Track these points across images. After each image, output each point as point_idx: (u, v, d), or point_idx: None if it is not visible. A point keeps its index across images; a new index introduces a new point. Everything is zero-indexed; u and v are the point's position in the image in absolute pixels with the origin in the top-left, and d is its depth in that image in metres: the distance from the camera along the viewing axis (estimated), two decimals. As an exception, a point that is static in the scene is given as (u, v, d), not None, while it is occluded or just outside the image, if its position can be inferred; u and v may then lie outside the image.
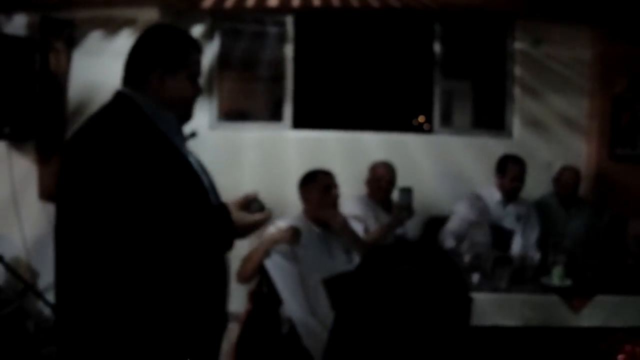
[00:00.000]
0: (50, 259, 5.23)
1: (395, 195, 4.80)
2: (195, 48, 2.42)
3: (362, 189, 5.04)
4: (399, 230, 4.70)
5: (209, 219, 2.18)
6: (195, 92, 2.41)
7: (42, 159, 5.33)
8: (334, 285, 4.04)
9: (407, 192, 4.48)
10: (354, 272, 1.52)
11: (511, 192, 4.91)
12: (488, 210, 4.91)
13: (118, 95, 2.34)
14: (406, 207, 4.48)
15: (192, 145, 2.48)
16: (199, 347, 2.25)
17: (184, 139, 2.41)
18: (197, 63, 2.41)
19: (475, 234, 4.71)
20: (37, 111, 5.06)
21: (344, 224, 4.16)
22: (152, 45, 2.36)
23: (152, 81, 2.30)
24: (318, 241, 4.08)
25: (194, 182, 2.30)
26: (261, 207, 2.27)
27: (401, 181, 4.98)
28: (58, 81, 5.26)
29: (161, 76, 2.30)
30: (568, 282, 3.87)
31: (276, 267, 3.88)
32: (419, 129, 5.80)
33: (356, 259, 4.32)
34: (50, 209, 5.31)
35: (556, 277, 3.90)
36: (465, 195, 5.03)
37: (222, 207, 2.22)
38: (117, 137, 2.11)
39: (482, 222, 4.78)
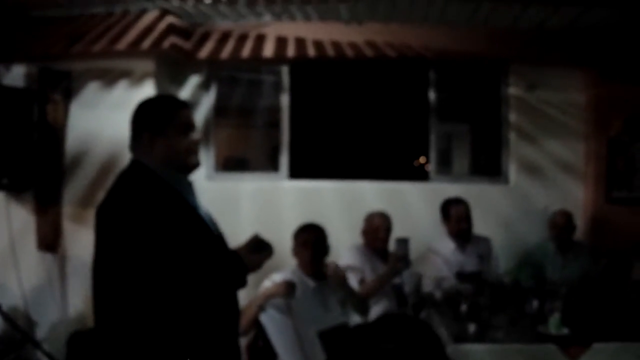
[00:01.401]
0: (48, 309, 5.29)
1: (391, 245, 4.80)
2: (180, 106, 2.69)
3: (358, 239, 5.02)
4: (396, 280, 4.68)
5: (225, 263, 2.51)
6: (188, 142, 2.60)
7: (40, 209, 5.36)
8: (330, 337, 4.04)
9: (403, 242, 4.49)
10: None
11: (460, 235, 5.03)
12: (446, 261, 4.97)
13: (132, 163, 2.57)
14: (403, 258, 4.48)
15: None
16: None
17: (194, 193, 2.64)
18: (185, 116, 2.63)
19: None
20: (34, 162, 5.12)
21: (342, 279, 4.20)
22: (140, 112, 2.64)
23: (144, 144, 2.53)
24: (313, 294, 4.09)
25: (206, 234, 2.55)
26: (265, 245, 2.62)
27: (398, 229, 4.98)
28: (56, 132, 5.32)
29: (151, 137, 2.53)
30: (565, 331, 3.84)
31: (271, 320, 3.91)
32: (415, 176, 5.78)
33: (351, 311, 4.33)
34: (48, 258, 5.43)
35: (553, 325, 3.88)
36: (423, 255, 5.10)
37: (234, 252, 2.58)
38: (137, 202, 2.37)
39: (446, 276, 4.82)
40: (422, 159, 7.95)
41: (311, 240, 4.17)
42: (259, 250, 2.61)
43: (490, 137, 6.03)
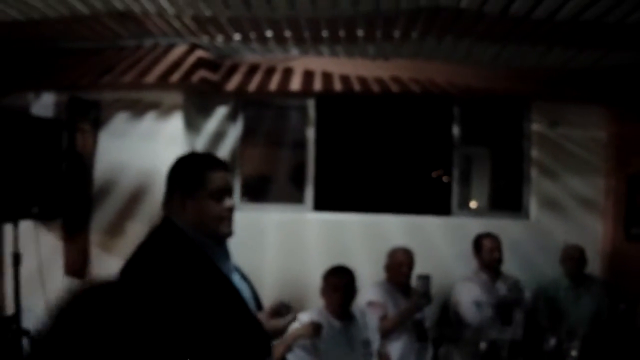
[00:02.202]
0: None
1: (413, 281, 4.87)
2: (215, 167, 2.52)
3: (381, 272, 5.09)
4: (417, 315, 4.75)
5: (246, 336, 2.36)
6: (220, 208, 2.47)
7: (68, 237, 5.45)
8: (354, 376, 4.12)
9: (425, 279, 4.57)
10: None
11: (492, 264, 5.13)
12: (481, 290, 5.06)
13: (163, 220, 2.49)
14: (424, 294, 4.56)
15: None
16: None
17: (227, 257, 2.54)
18: (220, 180, 2.49)
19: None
20: (63, 191, 5.17)
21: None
22: (174, 169, 2.55)
23: (175, 205, 2.46)
24: (338, 334, 4.17)
25: (232, 305, 2.41)
26: (288, 309, 2.50)
27: (420, 264, 5.07)
28: (84, 161, 5.42)
29: (182, 199, 2.45)
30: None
31: (299, 361, 3.98)
32: (438, 210, 5.81)
33: (374, 351, 4.41)
34: (75, 284, 5.43)
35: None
36: (457, 283, 5.22)
37: (257, 323, 2.42)
38: (162, 269, 2.25)
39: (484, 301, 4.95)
40: (439, 171, 8.01)
41: (342, 284, 4.24)
42: (281, 314, 2.51)
43: (510, 174, 6.09)
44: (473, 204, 6.13)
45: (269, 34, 4.81)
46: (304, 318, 4.05)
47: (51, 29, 4.80)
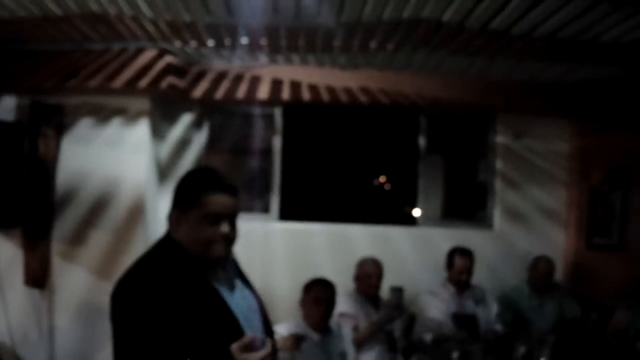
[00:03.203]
0: (34, 346, 5.22)
1: (385, 293, 4.89)
2: (214, 188, 2.36)
3: (348, 282, 5.07)
4: (388, 326, 4.76)
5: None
6: (212, 233, 2.34)
7: (28, 245, 5.25)
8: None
9: (398, 291, 4.60)
10: None
11: (460, 284, 5.15)
12: (445, 304, 5.08)
13: (165, 236, 2.44)
14: (397, 306, 4.58)
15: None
16: None
17: (226, 272, 2.45)
18: (217, 203, 2.35)
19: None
20: (24, 197, 5.01)
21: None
22: (177, 185, 2.46)
23: (172, 220, 2.40)
24: (316, 347, 4.14)
25: (217, 318, 2.32)
26: (263, 342, 2.30)
27: (386, 274, 5.10)
28: (46, 167, 5.23)
29: (177, 216, 2.39)
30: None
31: (276, 374, 3.92)
32: (403, 221, 5.86)
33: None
34: (35, 294, 5.37)
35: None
36: (423, 295, 5.22)
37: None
38: (152, 289, 2.21)
39: (444, 317, 4.96)
40: (382, 178, 8.05)
41: (325, 297, 4.21)
42: (253, 349, 2.24)
43: (474, 184, 6.16)
44: (416, 212, 6.16)
45: (244, 40, 4.75)
46: (281, 330, 4.00)
47: (17, 28, 4.64)
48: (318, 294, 4.24)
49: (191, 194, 2.37)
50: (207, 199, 2.34)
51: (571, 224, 5.98)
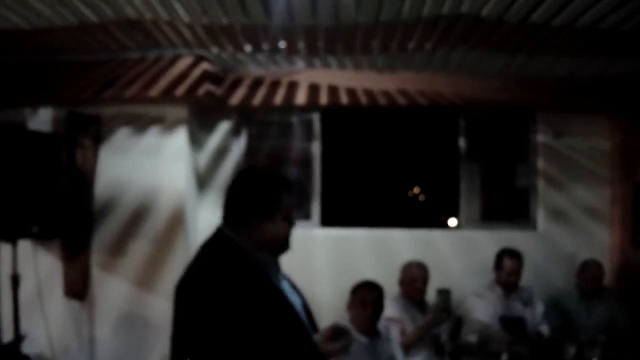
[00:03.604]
0: (75, 358, 5.19)
1: (432, 296, 4.82)
2: (287, 189, 2.52)
3: (391, 288, 4.97)
4: (434, 330, 4.67)
5: (302, 354, 2.37)
6: (290, 228, 2.52)
7: (68, 257, 5.27)
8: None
9: (445, 293, 4.52)
10: None
11: (508, 287, 5.04)
12: (493, 306, 4.97)
13: (220, 235, 2.46)
14: (445, 309, 4.49)
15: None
16: None
17: (280, 271, 2.57)
18: (290, 203, 2.52)
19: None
20: (63, 209, 4.97)
21: None
22: (250, 191, 2.48)
23: (251, 226, 2.42)
24: (365, 351, 4.05)
25: (290, 321, 2.41)
26: (344, 332, 2.50)
27: (430, 278, 5.04)
28: (84, 178, 5.24)
29: (259, 222, 2.42)
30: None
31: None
32: (446, 225, 5.78)
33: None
34: (75, 306, 5.35)
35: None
36: (469, 297, 5.12)
37: (312, 343, 2.43)
38: (224, 282, 2.27)
39: (491, 320, 4.85)
40: (416, 190, 7.98)
41: (373, 300, 4.13)
42: (337, 338, 2.48)
43: (517, 185, 6.06)
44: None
45: (282, 45, 4.71)
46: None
47: (54, 39, 4.65)
48: (365, 297, 4.15)
49: (274, 197, 2.46)
50: (286, 200, 2.50)
51: (616, 222, 5.83)
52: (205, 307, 2.23)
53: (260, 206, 2.44)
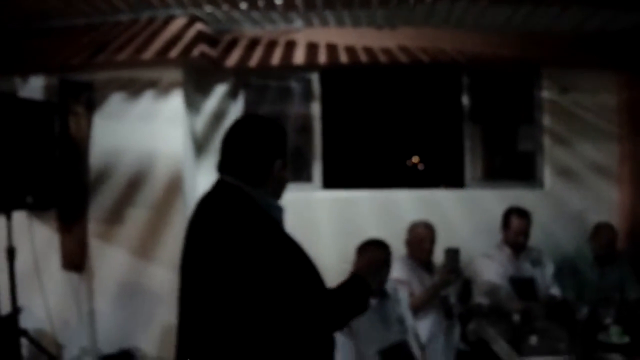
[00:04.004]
0: (74, 331, 5.11)
1: (439, 257, 4.70)
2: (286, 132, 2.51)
3: (397, 249, 4.84)
4: (443, 292, 4.55)
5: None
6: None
7: (64, 228, 5.17)
8: (390, 356, 3.89)
9: (454, 252, 4.36)
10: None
11: (516, 246, 4.91)
12: (502, 267, 4.85)
13: (226, 186, 2.33)
14: (454, 269, 4.35)
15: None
16: None
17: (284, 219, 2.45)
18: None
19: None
20: (58, 178, 4.92)
21: None
22: (267, 135, 2.38)
23: (270, 171, 2.34)
24: (373, 312, 3.90)
25: (311, 267, 2.31)
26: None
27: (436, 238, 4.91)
28: (78, 146, 5.13)
29: (280, 167, 2.37)
30: (626, 339, 3.72)
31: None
32: (451, 183, 5.64)
33: (410, 327, 4.18)
34: (73, 278, 5.22)
35: (615, 334, 3.76)
36: (478, 258, 4.99)
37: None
38: (246, 238, 2.14)
39: (500, 280, 4.75)
40: (414, 159, 7.86)
41: (384, 258, 3.97)
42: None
43: (522, 142, 5.92)
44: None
45: (278, 0, 4.55)
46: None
47: (41, 2, 4.49)
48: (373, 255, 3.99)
49: (285, 144, 2.43)
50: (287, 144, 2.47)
51: (625, 180, 5.70)
52: (237, 264, 2.11)
53: (280, 151, 2.37)
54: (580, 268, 5.07)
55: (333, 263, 4.50)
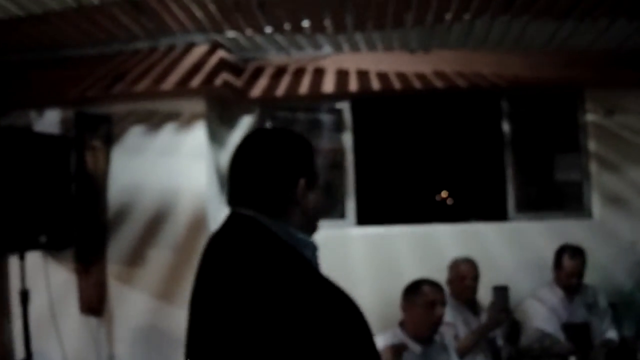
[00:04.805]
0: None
1: (483, 296, 4.42)
2: (312, 147, 1.92)
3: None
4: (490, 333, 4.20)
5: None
6: (324, 195, 1.98)
7: (82, 269, 4.90)
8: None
9: (503, 290, 4.00)
10: None
11: (569, 288, 4.55)
12: (554, 313, 4.49)
13: (243, 222, 1.76)
14: (504, 309, 3.99)
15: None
16: None
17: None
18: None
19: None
20: (74, 216, 4.68)
21: None
22: (286, 149, 1.83)
23: (294, 199, 1.77)
24: (418, 360, 3.55)
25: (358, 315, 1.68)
26: None
27: (480, 275, 4.58)
28: (96, 182, 4.89)
29: (304, 191, 1.78)
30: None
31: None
32: (493, 216, 5.32)
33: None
34: (92, 322, 4.87)
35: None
36: (527, 300, 4.64)
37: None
38: (265, 285, 1.59)
39: (552, 328, 4.39)
40: (444, 193, 7.52)
41: (439, 299, 3.61)
42: None
43: (569, 170, 5.61)
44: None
45: (305, 23, 4.28)
46: (379, 342, 3.44)
47: (53, 28, 4.28)
48: (430, 296, 3.59)
49: (313, 161, 1.85)
50: (316, 162, 1.88)
51: (677, 205, 5.35)
52: (257, 323, 1.56)
53: (303, 169, 1.80)
54: (638, 302, 4.79)
55: (370, 303, 4.18)
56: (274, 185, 1.77)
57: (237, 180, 1.82)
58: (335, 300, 1.63)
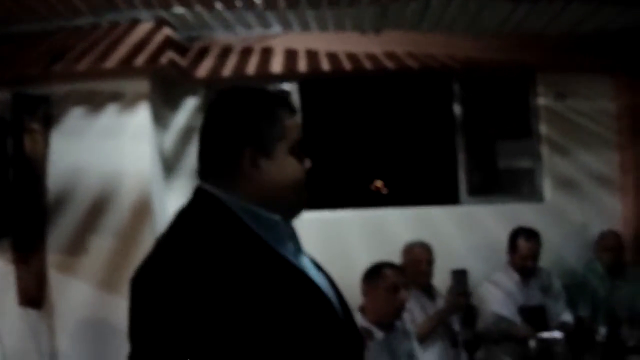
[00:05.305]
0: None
1: (439, 280, 4.40)
2: (288, 106, 1.68)
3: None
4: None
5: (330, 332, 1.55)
6: (301, 169, 1.68)
7: (20, 259, 4.67)
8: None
9: (462, 274, 3.96)
10: None
11: (524, 271, 4.60)
12: (510, 296, 4.55)
13: (200, 195, 1.61)
14: (463, 292, 3.93)
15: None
16: None
17: (295, 238, 1.73)
18: (297, 127, 1.67)
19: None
20: (11, 203, 4.50)
21: None
22: (232, 117, 1.62)
23: (241, 170, 1.59)
24: (381, 348, 3.44)
25: (314, 300, 1.57)
26: None
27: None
28: (35, 167, 4.68)
29: (253, 158, 1.58)
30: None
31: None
32: (444, 200, 5.30)
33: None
34: (31, 315, 4.65)
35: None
36: (483, 284, 4.66)
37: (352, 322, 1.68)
38: (210, 264, 1.42)
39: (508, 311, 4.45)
40: (378, 183, 7.45)
41: (401, 283, 3.52)
42: None
43: (518, 153, 5.62)
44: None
45: (257, -1, 4.15)
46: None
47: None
48: (393, 279, 3.50)
49: (272, 121, 1.61)
50: (290, 122, 1.64)
51: (627, 190, 5.41)
52: (184, 308, 1.38)
53: (249, 135, 1.59)
54: (591, 284, 4.82)
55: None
56: (218, 156, 1.61)
57: (201, 150, 1.65)
58: (271, 282, 1.48)
